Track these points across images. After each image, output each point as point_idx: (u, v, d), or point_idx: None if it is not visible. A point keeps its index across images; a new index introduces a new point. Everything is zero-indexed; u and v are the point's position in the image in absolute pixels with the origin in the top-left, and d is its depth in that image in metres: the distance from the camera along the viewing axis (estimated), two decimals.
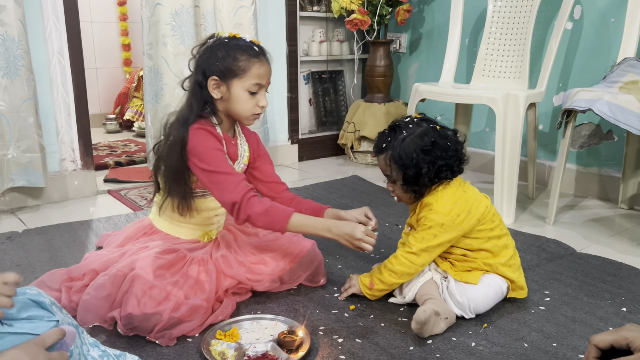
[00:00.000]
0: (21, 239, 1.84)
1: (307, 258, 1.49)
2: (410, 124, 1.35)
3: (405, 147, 1.32)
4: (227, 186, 1.34)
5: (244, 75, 1.36)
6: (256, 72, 1.37)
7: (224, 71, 1.36)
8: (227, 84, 1.37)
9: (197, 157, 1.36)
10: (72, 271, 1.38)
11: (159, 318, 1.21)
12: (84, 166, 2.39)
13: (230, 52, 1.35)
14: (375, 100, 3.06)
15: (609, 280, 1.57)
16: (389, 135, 1.36)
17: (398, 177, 1.36)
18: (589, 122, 2.39)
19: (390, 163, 1.35)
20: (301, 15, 3.01)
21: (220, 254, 1.43)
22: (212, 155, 1.36)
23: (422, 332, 1.23)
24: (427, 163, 1.31)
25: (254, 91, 1.39)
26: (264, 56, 1.39)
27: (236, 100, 1.39)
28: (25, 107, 2.07)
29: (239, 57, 1.35)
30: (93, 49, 4.19)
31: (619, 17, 2.23)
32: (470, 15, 2.75)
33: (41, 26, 2.19)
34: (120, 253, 1.40)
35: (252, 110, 1.41)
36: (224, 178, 1.35)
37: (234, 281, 1.40)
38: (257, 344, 1.19)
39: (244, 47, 1.36)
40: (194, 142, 1.36)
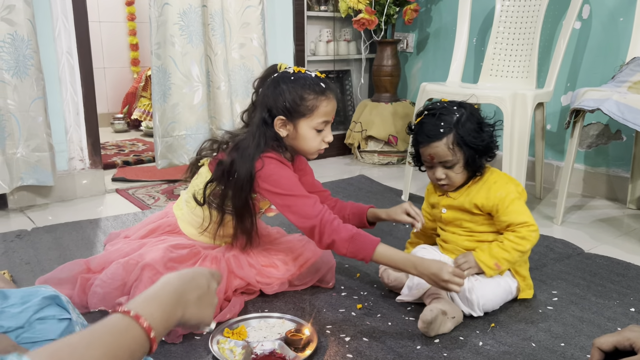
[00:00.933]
0: (30, 237, 1.85)
1: (319, 263, 1.49)
2: (448, 107, 1.35)
3: (467, 126, 1.32)
4: (305, 210, 1.31)
5: (312, 114, 1.35)
6: (323, 110, 1.36)
7: (291, 111, 1.34)
8: (294, 123, 1.36)
9: (271, 183, 1.33)
10: (90, 262, 1.40)
11: None
12: (92, 165, 2.40)
13: (297, 91, 1.34)
14: (382, 100, 3.06)
15: (617, 281, 1.56)
16: (439, 120, 1.33)
17: (459, 160, 1.34)
18: (597, 122, 2.38)
19: (453, 146, 1.33)
20: (308, 15, 3.02)
21: (232, 254, 1.43)
22: (287, 180, 1.34)
23: (429, 331, 1.23)
24: (490, 138, 1.34)
25: (321, 129, 1.38)
26: (330, 91, 1.37)
27: (303, 139, 1.38)
28: (35, 106, 2.08)
29: (306, 96, 1.34)
30: (101, 48, 4.21)
31: (628, 17, 2.22)
32: (477, 14, 2.74)
33: (50, 26, 2.20)
34: (140, 245, 1.41)
35: (319, 147, 1.40)
36: (300, 201, 1.32)
37: (243, 282, 1.40)
38: (264, 342, 1.19)
39: (311, 84, 1.35)
40: (268, 171, 1.33)
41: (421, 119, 1.38)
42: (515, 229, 1.34)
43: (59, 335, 0.83)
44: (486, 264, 1.33)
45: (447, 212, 1.42)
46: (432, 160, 1.36)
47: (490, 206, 1.35)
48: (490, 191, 1.36)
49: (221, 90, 2.50)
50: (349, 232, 1.28)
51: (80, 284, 1.34)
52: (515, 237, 1.33)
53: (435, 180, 1.39)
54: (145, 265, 1.26)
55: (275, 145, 1.38)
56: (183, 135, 2.47)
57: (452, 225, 1.43)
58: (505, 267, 1.35)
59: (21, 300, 0.83)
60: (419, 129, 1.38)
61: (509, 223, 1.34)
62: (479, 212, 1.37)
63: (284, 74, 1.38)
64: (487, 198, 1.35)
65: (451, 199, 1.41)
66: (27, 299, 0.83)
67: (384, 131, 2.97)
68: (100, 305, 1.28)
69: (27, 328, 0.81)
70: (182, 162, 2.49)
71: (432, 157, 1.36)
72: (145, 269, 1.26)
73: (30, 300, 0.83)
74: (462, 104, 1.38)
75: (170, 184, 2.57)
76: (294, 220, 1.33)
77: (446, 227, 1.45)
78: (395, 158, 3.05)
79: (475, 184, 1.39)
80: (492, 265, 1.33)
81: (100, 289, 1.29)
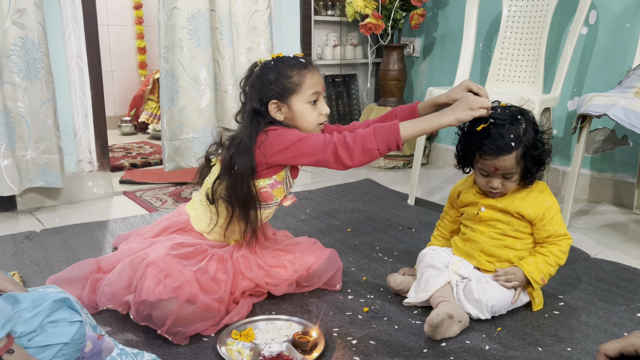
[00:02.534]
0: (39, 239, 1.87)
1: (326, 265, 1.50)
2: (513, 115, 1.33)
3: (531, 139, 1.31)
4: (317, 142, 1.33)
5: (300, 89, 1.38)
6: (310, 82, 1.39)
7: (281, 92, 1.38)
8: (287, 103, 1.39)
9: (278, 142, 1.35)
10: (101, 261, 1.41)
11: (174, 305, 1.22)
12: (100, 167, 2.42)
13: (281, 72, 1.38)
14: (389, 104, 3.07)
15: (624, 286, 1.56)
16: (509, 132, 1.29)
17: (520, 171, 1.33)
18: (604, 128, 2.38)
19: (520, 160, 1.31)
20: (315, 20, 3.03)
21: (241, 254, 1.44)
22: (291, 132, 1.36)
23: (435, 335, 1.23)
24: (548, 146, 1.35)
25: (314, 100, 1.40)
26: (312, 65, 1.42)
27: (300, 116, 1.40)
28: (45, 108, 2.10)
29: (290, 74, 1.38)
30: (109, 51, 4.24)
31: (635, 22, 2.22)
32: (484, 19, 2.75)
33: (60, 29, 2.22)
34: (150, 243, 1.42)
35: (317, 120, 1.42)
36: (310, 140, 1.33)
37: (252, 284, 1.41)
38: (272, 344, 1.20)
39: (291, 63, 1.39)
40: (272, 135, 1.36)
41: (486, 127, 1.31)
42: (556, 241, 1.36)
43: (70, 338, 0.84)
44: (535, 279, 1.34)
45: (486, 211, 1.40)
46: (495, 171, 1.33)
47: (535, 214, 1.35)
48: (538, 200, 1.36)
49: (228, 94, 2.52)
50: (367, 129, 1.30)
51: (90, 283, 1.35)
52: (559, 251, 1.36)
53: (489, 188, 1.37)
54: (149, 262, 1.27)
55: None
56: (190, 139, 2.48)
57: (485, 225, 1.40)
58: (547, 280, 1.37)
59: (32, 304, 0.84)
60: (483, 139, 1.31)
61: (551, 233, 1.36)
62: (521, 218, 1.37)
63: (265, 64, 1.41)
64: (535, 207, 1.36)
65: (495, 200, 1.39)
66: (39, 302, 0.85)
67: None
68: (109, 304, 1.29)
69: (39, 332, 0.82)
70: (190, 165, 2.51)
71: (497, 168, 1.32)
72: (150, 267, 1.27)
73: (42, 304, 0.84)
74: (522, 110, 1.35)
75: (178, 187, 2.59)
76: (312, 160, 1.34)
77: (476, 226, 1.42)
78: (401, 162, 3.06)
79: (521, 190, 1.38)
80: (540, 279, 1.35)
81: (108, 287, 1.30)
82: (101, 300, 1.30)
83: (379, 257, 1.75)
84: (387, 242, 1.88)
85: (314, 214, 2.19)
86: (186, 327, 1.24)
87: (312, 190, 2.54)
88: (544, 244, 1.37)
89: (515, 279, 1.35)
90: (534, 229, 1.38)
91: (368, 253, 1.79)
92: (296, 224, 2.06)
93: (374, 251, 1.81)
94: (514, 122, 1.31)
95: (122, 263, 1.33)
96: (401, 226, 2.06)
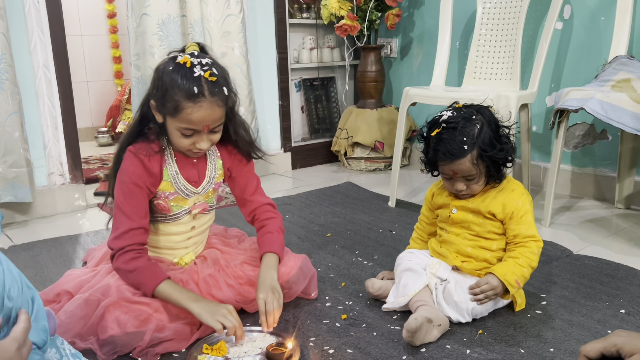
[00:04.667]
0: (7, 256, 1.80)
1: (298, 275, 1.41)
2: (466, 117, 1.28)
3: (487, 139, 1.27)
4: (119, 228, 1.26)
5: (175, 115, 1.20)
6: (187, 117, 1.19)
7: (160, 103, 1.22)
8: (163, 116, 1.25)
9: (119, 184, 1.28)
10: (46, 294, 1.33)
11: (141, 338, 1.17)
12: (73, 180, 2.35)
13: (168, 85, 1.19)
14: (368, 106, 3.04)
15: (607, 282, 1.53)
16: (461, 135, 1.26)
17: (482, 172, 1.30)
18: (583, 122, 2.37)
19: (477, 161, 1.28)
20: (291, 23, 2.99)
21: (208, 273, 1.37)
22: (127, 188, 1.27)
23: (414, 340, 1.19)
24: (508, 146, 1.30)
25: (188, 135, 1.23)
26: (204, 99, 1.19)
27: (172, 136, 1.26)
28: (11, 121, 2.04)
29: (174, 93, 1.19)
30: (83, 62, 4.16)
31: (609, 16, 2.21)
32: (459, 18, 2.73)
33: (26, 39, 2.16)
34: (94, 274, 1.35)
35: (189, 148, 1.26)
36: (121, 218, 1.26)
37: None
38: (245, 358, 1.15)
39: (182, 85, 1.18)
40: (123, 167, 1.29)
41: (439, 132, 1.29)
42: (524, 242, 1.31)
43: None
44: (508, 281, 1.28)
45: (458, 213, 1.36)
46: (454, 175, 1.31)
47: (505, 214, 1.32)
48: (508, 199, 1.32)
49: None
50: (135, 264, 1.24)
51: None
52: (529, 253, 1.30)
53: (455, 191, 1.34)
54: (111, 303, 1.20)
55: (153, 130, 1.31)
56: None
57: (458, 227, 1.37)
58: (522, 283, 1.31)
59: None
60: (438, 143, 1.29)
61: (517, 233, 1.32)
62: (492, 217, 1.34)
63: (170, 61, 1.23)
64: (505, 205, 1.32)
65: (465, 201, 1.36)
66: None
67: (370, 137, 2.94)
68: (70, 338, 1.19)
69: None
70: None
71: (455, 172, 1.30)
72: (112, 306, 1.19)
73: None
74: (479, 109, 1.31)
75: None
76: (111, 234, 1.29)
77: (450, 228, 1.38)
78: (382, 164, 3.02)
79: (492, 190, 1.35)
80: (514, 281, 1.29)
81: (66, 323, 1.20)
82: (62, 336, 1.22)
83: (359, 262, 1.71)
84: (367, 246, 1.84)
85: (293, 220, 2.14)
86: (156, 347, 1.19)
87: (292, 195, 2.50)
88: (513, 247, 1.33)
89: (490, 287, 1.28)
90: (505, 229, 1.35)
91: (347, 258, 1.75)
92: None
93: (353, 255, 1.76)
94: (467, 123, 1.27)
95: (76, 298, 1.24)
96: (382, 229, 2.02)
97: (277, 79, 2.97)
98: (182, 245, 1.42)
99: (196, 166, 1.37)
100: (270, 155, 2.85)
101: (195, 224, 1.43)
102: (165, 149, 1.33)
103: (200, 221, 1.43)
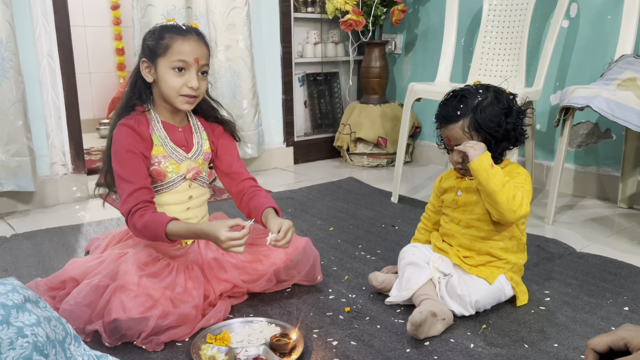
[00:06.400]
0: (9, 244, 1.80)
1: (302, 254, 1.44)
2: (472, 89, 1.31)
3: (487, 111, 1.28)
4: (123, 194, 1.32)
5: (166, 52, 1.33)
6: (178, 48, 1.33)
7: (151, 52, 1.35)
8: (155, 64, 1.35)
9: (114, 156, 1.35)
10: (50, 281, 1.34)
11: (146, 324, 1.17)
12: (75, 170, 2.35)
13: (156, 33, 1.36)
14: (371, 102, 3.03)
15: (610, 280, 1.53)
16: (459, 102, 1.29)
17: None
18: (587, 121, 2.37)
19: (470, 130, 1.28)
20: (295, 17, 2.99)
21: (212, 257, 1.38)
22: (122, 157, 1.34)
23: (418, 334, 1.19)
24: (512, 125, 1.29)
25: (180, 67, 1.34)
26: (192, 34, 1.35)
27: (162, 80, 1.35)
28: (14, 109, 2.03)
29: (163, 35, 1.34)
30: (86, 53, 4.15)
31: (616, 14, 2.21)
32: (465, 14, 2.73)
33: (30, 28, 2.15)
34: (100, 260, 1.35)
35: (180, 90, 1.35)
36: (122, 185, 1.33)
37: (229, 285, 1.36)
38: (248, 348, 1.15)
39: (170, 27, 1.36)
40: (114, 141, 1.36)
41: (443, 100, 1.34)
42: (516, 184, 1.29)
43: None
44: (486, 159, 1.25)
45: (463, 196, 1.36)
46: (449, 142, 1.33)
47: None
48: (509, 173, 1.31)
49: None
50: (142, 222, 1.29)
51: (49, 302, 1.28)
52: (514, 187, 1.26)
53: (453, 163, 1.35)
54: (118, 286, 1.20)
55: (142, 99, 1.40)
56: None
57: (462, 211, 1.36)
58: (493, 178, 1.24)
59: None
60: (438, 109, 1.34)
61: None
62: None
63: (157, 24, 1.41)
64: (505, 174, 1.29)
65: (470, 182, 1.35)
66: None
67: (373, 133, 2.94)
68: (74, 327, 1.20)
69: None
70: None
71: (448, 139, 1.32)
72: (119, 290, 1.19)
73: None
74: (491, 87, 1.33)
75: None
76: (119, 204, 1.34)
77: (454, 214, 1.38)
78: (384, 160, 3.02)
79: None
80: (488, 165, 1.24)
81: (71, 311, 1.20)
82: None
83: (362, 256, 1.71)
84: (369, 241, 1.84)
85: (295, 214, 2.14)
86: (160, 335, 1.19)
87: (294, 189, 2.50)
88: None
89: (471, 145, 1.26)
90: None
91: (350, 252, 1.74)
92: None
93: (356, 250, 1.76)
94: (470, 94, 1.30)
95: (84, 284, 1.24)
96: (384, 224, 2.01)
97: (281, 73, 2.96)
98: (182, 217, 1.42)
99: (183, 133, 1.45)
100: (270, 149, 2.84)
101: (192, 193, 1.47)
102: (150, 111, 1.41)
103: (197, 191, 1.48)
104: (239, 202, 1.50)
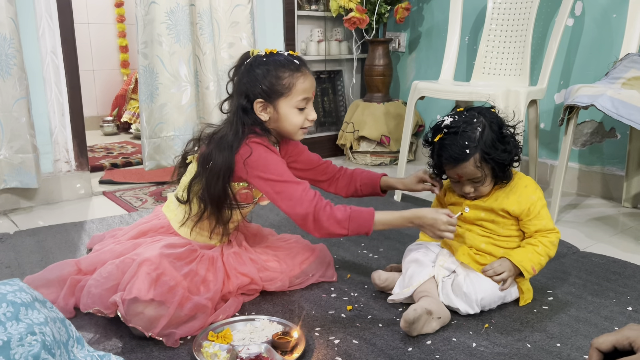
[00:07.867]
0: (12, 241, 1.80)
1: (318, 260, 1.49)
2: (468, 120, 1.30)
3: (489, 142, 1.28)
4: (296, 196, 1.28)
5: (290, 93, 1.32)
6: (301, 87, 1.32)
7: (269, 92, 1.31)
8: (274, 104, 1.33)
9: (260, 168, 1.30)
10: (81, 262, 1.34)
11: (164, 311, 1.16)
12: (79, 167, 2.35)
13: (271, 71, 1.31)
14: (375, 100, 3.02)
15: (614, 279, 1.52)
16: (463, 139, 1.28)
17: (488, 174, 1.31)
18: (592, 120, 2.36)
19: (481, 164, 1.29)
20: (299, 15, 2.98)
21: (233, 251, 1.41)
22: (275, 165, 1.31)
23: (411, 331, 1.19)
24: (513, 146, 1.31)
25: (302, 107, 1.35)
26: (306, 68, 1.34)
27: (285, 119, 1.34)
28: (18, 106, 2.03)
29: (281, 75, 1.31)
30: (90, 50, 4.16)
31: (621, 13, 2.19)
32: (469, 13, 2.72)
33: (34, 25, 2.15)
34: (134, 245, 1.35)
35: (302, 125, 1.37)
36: (291, 188, 1.29)
37: (247, 279, 1.36)
38: (250, 346, 1.15)
39: (284, 62, 1.32)
40: (256, 156, 1.30)
41: (442, 137, 1.31)
42: (545, 234, 1.33)
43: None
44: (525, 267, 1.30)
45: (470, 212, 1.37)
46: (460, 178, 1.33)
47: (520, 210, 1.33)
48: (522, 196, 1.33)
49: (210, 90, 2.46)
50: (345, 212, 1.28)
51: (69, 285, 1.29)
52: (548, 242, 1.32)
53: (463, 193, 1.36)
54: (144, 260, 1.21)
55: (258, 130, 1.35)
56: (171, 136, 2.42)
57: (471, 224, 1.38)
58: (538, 270, 1.33)
59: None
60: (441, 149, 1.32)
61: (539, 228, 1.33)
62: (505, 215, 1.34)
63: (257, 57, 1.35)
64: (519, 202, 1.33)
65: (479, 200, 1.37)
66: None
67: (376, 131, 2.93)
68: (94, 306, 1.21)
69: None
70: (170, 163, 2.45)
71: (460, 176, 1.32)
72: (143, 265, 1.20)
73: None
74: (481, 111, 1.32)
75: (159, 186, 2.53)
76: (285, 208, 1.30)
77: (463, 225, 1.39)
78: (387, 158, 3.01)
79: (503, 188, 1.35)
80: (530, 268, 1.31)
81: (95, 289, 1.22)
82: (86, 302, 1.23)
83: (364, 254, 1.71)
84: (372, 239, 1.84)
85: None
86: (178, 328, 1.19)
87: None
88: (538, 237, 1.34)
89: (503, 269, 1.30)
90: (521, 224, 1.35)
91: (353, 250, 1.74)
92: (280, 221, 2.01)
93: (359, 248, 1.76)
94: (469, 127, 1.28)
95: (109, 264, 1.26)
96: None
97: None
98: (230, 231, 1.44)
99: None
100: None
101: (247, 211, 1.48)
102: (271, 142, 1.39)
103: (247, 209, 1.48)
104: (334, 187, 1.54)
